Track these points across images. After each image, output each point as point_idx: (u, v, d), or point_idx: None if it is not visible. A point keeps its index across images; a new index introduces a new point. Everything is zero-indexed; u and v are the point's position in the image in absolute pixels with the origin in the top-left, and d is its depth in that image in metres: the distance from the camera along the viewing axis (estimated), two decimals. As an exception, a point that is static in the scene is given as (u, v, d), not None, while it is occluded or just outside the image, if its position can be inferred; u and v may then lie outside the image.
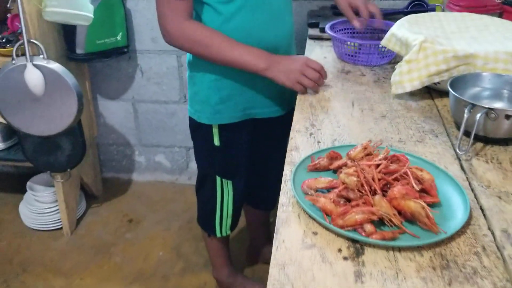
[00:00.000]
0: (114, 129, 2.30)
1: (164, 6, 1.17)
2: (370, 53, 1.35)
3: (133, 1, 1.98)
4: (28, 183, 2.07)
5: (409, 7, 1.65)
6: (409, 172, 0.74)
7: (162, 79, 2.14)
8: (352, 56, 1.38)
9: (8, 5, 1.64)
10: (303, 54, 1.47)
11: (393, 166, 0.77)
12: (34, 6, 1.60)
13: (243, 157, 1.41)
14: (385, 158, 0.77)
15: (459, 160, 0.90)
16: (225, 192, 1.46)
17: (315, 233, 0.70)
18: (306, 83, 1.16)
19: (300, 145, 0.94)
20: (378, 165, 0.75)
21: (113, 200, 2.28)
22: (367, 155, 0.80)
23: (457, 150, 0.89)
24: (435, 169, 0.83)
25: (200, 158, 1.47)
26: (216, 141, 1.35)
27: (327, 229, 0.70)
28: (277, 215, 0.75)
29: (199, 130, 1.38)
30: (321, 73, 1.18)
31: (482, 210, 0.76)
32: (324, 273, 0.63)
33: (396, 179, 0.74)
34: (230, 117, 1.32)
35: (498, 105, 1.00)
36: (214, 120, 1.32)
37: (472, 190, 0.81)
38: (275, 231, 0.71)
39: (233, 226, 1.56)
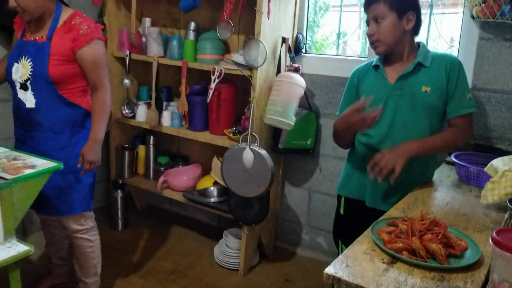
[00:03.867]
0: (291, 209, 3.03)
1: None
2: (479, 177, 1.79)
3: (324, 119, 2.78)
4: (225, 232, 2.90)
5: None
6: (442, 231, 1.23)
7: (337, 178, 2.80)
8: (468, 177, 1.84)
9: (245, 110, 2.60)
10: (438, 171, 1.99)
11: (436, 229, 1.26)
12: (259, 113, 2.51)
13: (360, 231, 1.94)
14: (430, 221, 1.27)
15: (499, 245, 1.31)
16: None
17: (373, 250, 1.24)
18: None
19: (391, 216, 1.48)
20: (424, 224, 1.26)
21: (278, 263, 2.93)
22: (423, 219, 1.30)
23: (497, 238, 1.31)
24: (472, 242, 1.27)
25: (333, 227, 2.07)
26: (341, 210, 1.97)
27: (381, 249, 1.23)
28: (357, 238, 1.31)
29: (338, 202, 2.01)
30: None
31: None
32: (367, 264, 1.17)
33: (432, 233, 1.23)
34: (349, 192, 1.94)
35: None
36: (340, 191, 2.00)
37: (495, 260, 1.23)
38: (350, 245, 1.27)
39: None
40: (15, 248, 1.67)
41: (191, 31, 2.80)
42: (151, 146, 3.13)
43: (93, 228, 2.23)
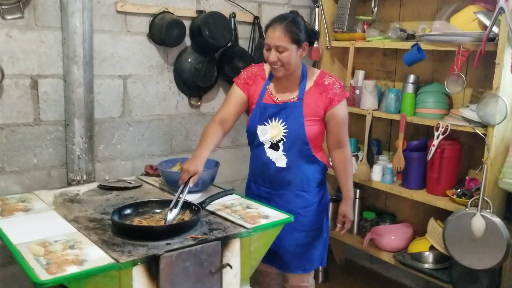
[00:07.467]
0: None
1: None
2: None
3: None
4: (437, 303, 2.61)
5: None
6: None
7: None
8: None
9: (477, 172, 2.34)
10: None
11: None
12: (493, 176, 2.23)
13: None
14: None
15: None
16: None
17: None
18: None
19: None
20: None
21: None
22: None
23: None
24: None
25: None
26: None
27: None
28: None
29: None
30: None
31: None
32: None
33: None
34: None
35: None
36: None
37: None
38: None
39: None
40: (249, 297, 1.72)
41: (409, 84, 2.68)
42: (357, 200, 3.04)
43: (311, 286, 2.20)
